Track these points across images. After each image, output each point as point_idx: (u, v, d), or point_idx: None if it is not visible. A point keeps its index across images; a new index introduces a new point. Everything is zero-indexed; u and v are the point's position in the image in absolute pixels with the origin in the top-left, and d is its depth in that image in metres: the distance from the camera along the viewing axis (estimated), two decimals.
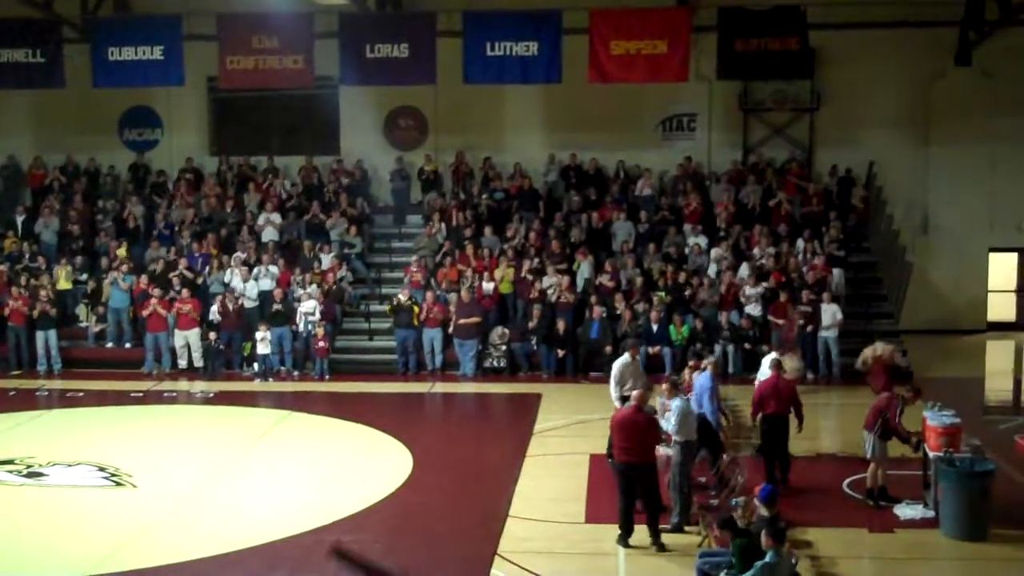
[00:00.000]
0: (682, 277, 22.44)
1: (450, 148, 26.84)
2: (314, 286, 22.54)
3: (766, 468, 13.64)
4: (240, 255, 23.55)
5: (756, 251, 23.10)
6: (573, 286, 22.51)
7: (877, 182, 25.82)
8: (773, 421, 13.80)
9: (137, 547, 12.03)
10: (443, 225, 24.75)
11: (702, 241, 23.76)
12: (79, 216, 25.63)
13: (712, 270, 22.81)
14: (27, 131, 27.60)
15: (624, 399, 14.92)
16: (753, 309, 21.64)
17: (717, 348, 20.96)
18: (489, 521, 12.72)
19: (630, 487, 11.90)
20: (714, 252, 23.24)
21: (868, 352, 17.02)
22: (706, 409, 14.07)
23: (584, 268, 23.10)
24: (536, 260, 23.24)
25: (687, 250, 23.65)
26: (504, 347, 21.94)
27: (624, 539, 11.86)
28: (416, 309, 21.94)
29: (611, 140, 26.28)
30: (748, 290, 21.78)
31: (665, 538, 11.84)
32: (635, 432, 11.85)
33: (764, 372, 15.19)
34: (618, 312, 21.79)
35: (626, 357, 15.67)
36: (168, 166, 27.45)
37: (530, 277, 22.72)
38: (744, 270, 22.43)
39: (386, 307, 22.67)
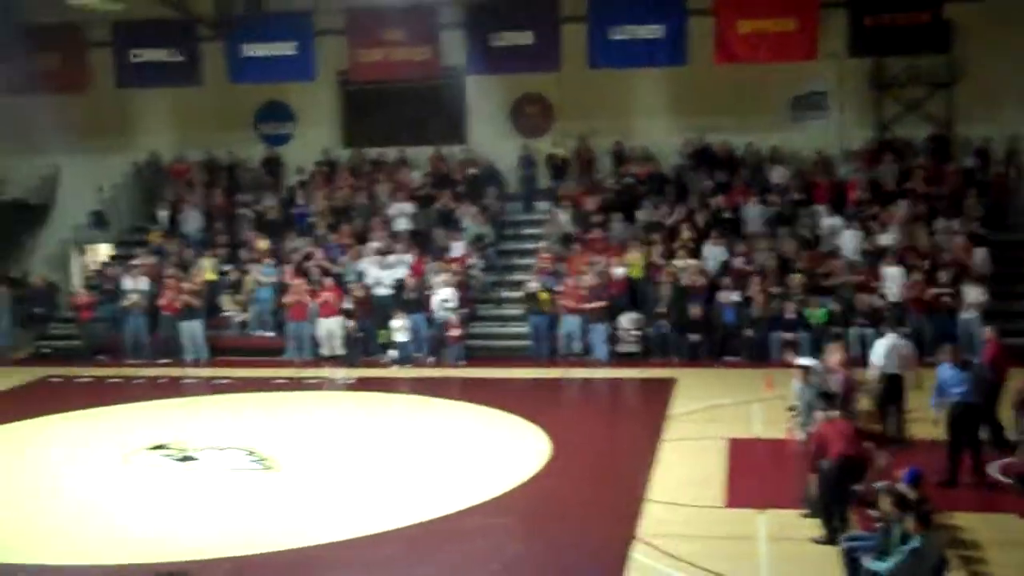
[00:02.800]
0: (817, 259, 22.11)
1: (576, 133, 26.84)
2: (446, 274, 22.90)
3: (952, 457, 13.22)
4: (374, 244, 24.06)
5: (891, 231, 22.63)
6: (705, 270, 22.40)
7: (1021, 157, 24.98)
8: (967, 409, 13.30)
9: (285, 529, 12.44)
10: (571, 211, 24.84)
11: (836, 222, 23.35)
12: (220, 210, 26.49)
13: (848, 250, 22.40)
14: (169, 128, 28.34)
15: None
16: (890, 291, 21.23)
17: (853, 331, 20.61)
18: (627, 504, 12.79)
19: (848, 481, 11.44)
20: (848, 233, 22.82)
21: None
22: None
23: (717, 252, 22.95)
24: (666, 245, 23.19)
25: (821, 232, 23.30)
26: (636, 332, 21.96)
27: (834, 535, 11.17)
28: (546, 296, 22.11)
29: (740, 121, 25.88)
30: (887, 271, 21.37)
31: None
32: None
33: (878, 354, 14.98)
34: (751, 296, 21.61)
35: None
36: (302, 159, 28.05)
37: (661, 261, 22.68)
38: (879, 245, 22.10)
39: (522, 294, 22.83)
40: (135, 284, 23.70)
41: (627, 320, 22.08)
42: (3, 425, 17.84)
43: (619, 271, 22.60)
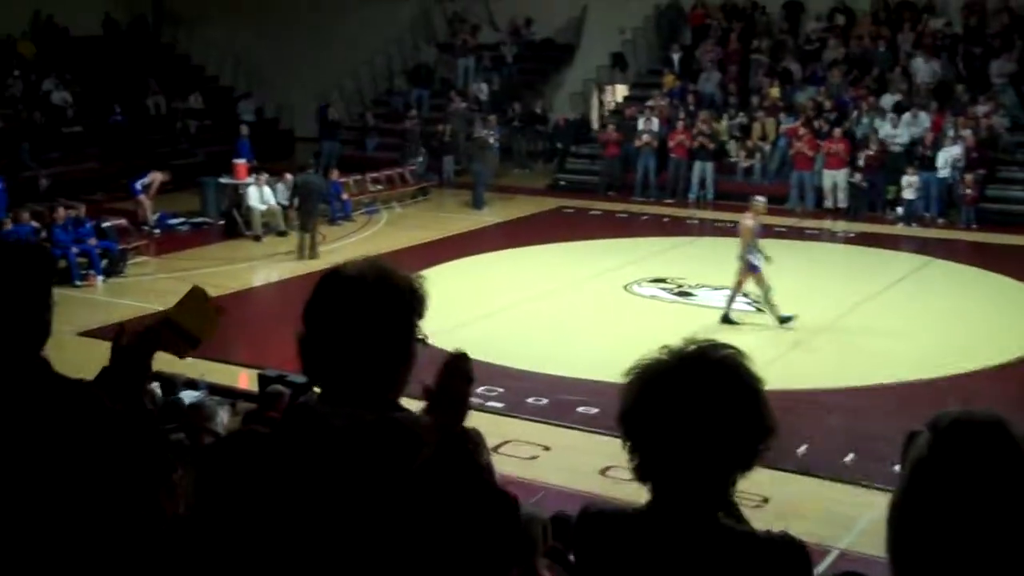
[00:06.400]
0: None
1: None
2: (967, 131, 21.46)
3: None
4: (891, 97, 23.01)
5: None
6: None
7: None
8: None
9: (778, 369, 12.59)
10: None
11: None
12: (734, 55, 26.44)
13: None
14: None
15: None
16: None
17: None
18: None
19: None
20: None
21: None
22: None
23: None
24: None
25: None
26: None
27: None
28: None
29: None
30: None
31: None
32: None
33: None
34: None
35: None
36: (822, 5, 26.99)
37: None
38: None
39: None
40: (648, 125, 24.48)
41: None
42: (522, 247, 19.48)
43: None
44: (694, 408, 2.23)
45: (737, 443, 2.26)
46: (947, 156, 21.14)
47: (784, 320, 14.27)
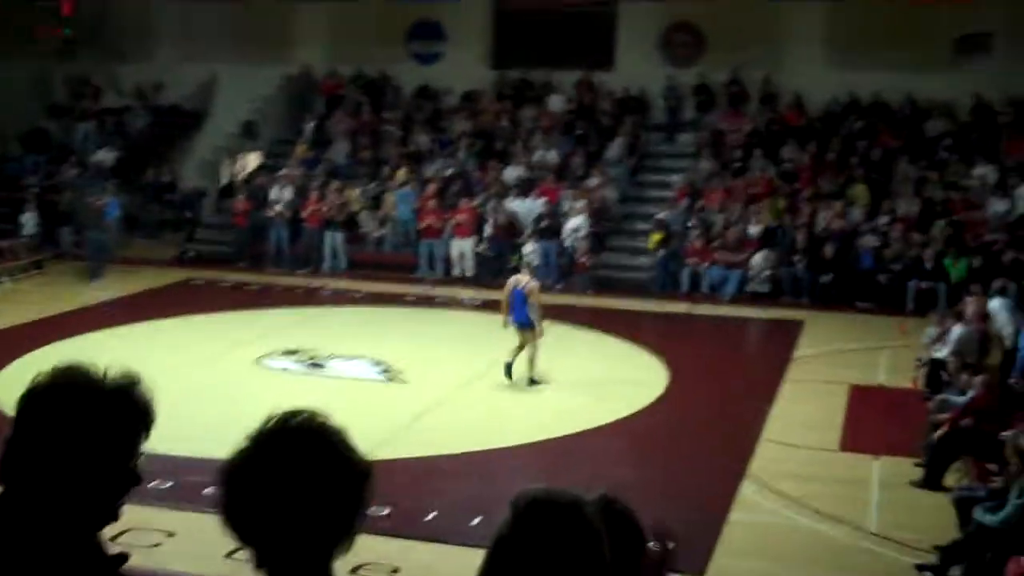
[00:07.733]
0: (963, 210, 21.39)
1: (726, 65, 26.10)
2: (581, 202, 22.88)
3: None
4: (514, 170, 24.17)
5: None
6: (845, 213, 21.91)
7: None
8: None
9: (407, 438, 12.82)
10: (712, 147, 24.50)
11: (990, 174, 22.43)
12: (367, 126, 26.84)
13: (1002, 207, 21.52)
14: (323, 41, 28.48)
15: None
16: None
17: (996, 284, 19.87)
18: (741, 441, 12.79)
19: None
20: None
21: None
22: None
23: (860, 196, 22.41)
24: (808, 187, 22.73)
25: (971, 183, 22.46)
26: (768, 271, 21.64)
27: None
28: (657, 237, 21.95)
29: (896, 61, 24.64)
30: None
31: None
32: None
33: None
34: (892, 243, 21.04)
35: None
36: (450, 80, 28.05)
37: (801, 204, 22.27)
38: None
39: (648, 242, 22.65)
40: (280, 194, 24.31)
41: (759, 259, 21.73)
42: (146, 322, 18.68)
43: (754, 230, 22.11)
44: (277, 487, 2.22)
45: (329, 514, 2.24)
46: (571, 226, 22.41)
47: (536, 382, 14.93)
